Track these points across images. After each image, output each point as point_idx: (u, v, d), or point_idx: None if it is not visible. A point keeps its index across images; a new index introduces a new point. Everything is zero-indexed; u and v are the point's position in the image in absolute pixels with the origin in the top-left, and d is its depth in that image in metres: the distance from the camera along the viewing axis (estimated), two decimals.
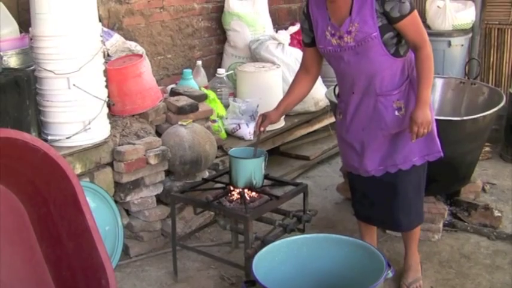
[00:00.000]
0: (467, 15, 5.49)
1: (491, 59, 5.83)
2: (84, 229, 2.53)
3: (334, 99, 3.62)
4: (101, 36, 3.28)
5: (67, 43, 3.06)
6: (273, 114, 3.07)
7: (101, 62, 3.27)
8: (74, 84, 3.11)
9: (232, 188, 3.08)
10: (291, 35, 4.82)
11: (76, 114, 3.18)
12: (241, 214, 2.87)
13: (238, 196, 3.04)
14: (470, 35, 5.60)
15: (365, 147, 2.90)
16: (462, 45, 5.49)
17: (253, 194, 3.06)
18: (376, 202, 3.00)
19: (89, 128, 3.21)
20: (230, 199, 3.06)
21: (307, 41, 2.96)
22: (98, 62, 3.22)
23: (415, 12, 2.72)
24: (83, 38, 3.10)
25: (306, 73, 3.05)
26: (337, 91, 3.18)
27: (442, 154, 2.90)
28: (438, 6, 5.49)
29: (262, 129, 3.06)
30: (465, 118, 3.48)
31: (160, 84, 4.48)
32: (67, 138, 3.17)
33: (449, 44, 5.40)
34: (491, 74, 5.87)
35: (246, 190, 3.03)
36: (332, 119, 4.92)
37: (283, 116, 4.31)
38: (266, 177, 3.20)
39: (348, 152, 3.00)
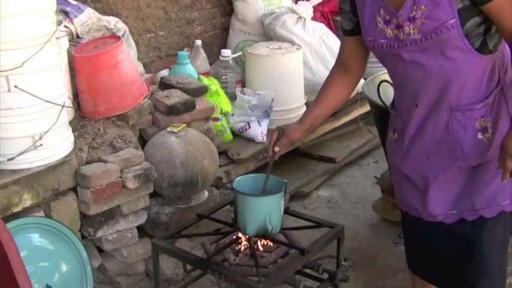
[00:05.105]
0: None
1: None
2: None
3: (377, 100, 2.73)
4: (57, 13, 2.36)
5: (3, 28, 2.14)
6: (295, 130, 2.18)
7: (56, 52, 2.35)
8: (15, 86, 2.21)
9: (240, 235, 2.19)
10: (314, 7, 3.99)
11: (21, 127, 2.29)
12: (249, 284, 1.97)
13: (247, 245, 2.16)
14: None
15: (430, 183, 2.00)
16: None
17: (269, 242, 2.18)
18: (442, 258, 2.11)
19: (41, 145, 2.32)
20: (236, 249, 2.18)
21: (348, 27, 2.04)
22: (51, 53, 2.30)
23: None
24: (28, 20, 2.17)
25: (345, 72, 2.14)
26: (388, 95, 2.27)
27: None
28: None
29: (276, 149, 2.18)
30: None
31: (151, 70, 3.64)
32: (9, 159, 2.29)
33: None
34: None
35: (258, 239, 2.16)
36: (362, 110, 4.04)
37: None
38: (286, 211, 2.31)
39: (405, 187, 2.09)
